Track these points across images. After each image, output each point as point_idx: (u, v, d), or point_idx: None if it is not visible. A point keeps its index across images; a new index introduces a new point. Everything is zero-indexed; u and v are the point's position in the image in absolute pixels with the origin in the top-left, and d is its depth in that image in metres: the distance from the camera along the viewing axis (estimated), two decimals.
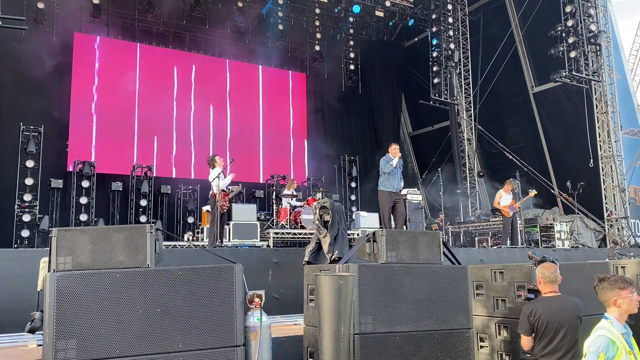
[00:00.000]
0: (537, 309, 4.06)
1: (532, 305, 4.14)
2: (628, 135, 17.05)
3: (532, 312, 4.07)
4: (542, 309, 4.05)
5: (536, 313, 4.04)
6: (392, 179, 9.32)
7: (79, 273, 3.80)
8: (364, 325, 4.45)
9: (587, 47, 15.21)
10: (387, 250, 4.89)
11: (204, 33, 17.18)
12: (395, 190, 9.40)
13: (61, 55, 14.54)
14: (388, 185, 9.32)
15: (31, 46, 13.64)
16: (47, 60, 13.99)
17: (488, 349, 5.58)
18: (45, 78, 13.92)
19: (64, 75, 14.68)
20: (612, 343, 3.17)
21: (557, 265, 4.31)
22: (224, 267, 4.10)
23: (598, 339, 3.21)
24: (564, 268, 5.42)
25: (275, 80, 18.47)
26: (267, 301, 4.52)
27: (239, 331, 4.01)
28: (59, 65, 14.43)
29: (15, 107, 13.52)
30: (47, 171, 13.45)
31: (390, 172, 9.32)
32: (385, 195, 9.25)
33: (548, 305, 4.07)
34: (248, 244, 10.39)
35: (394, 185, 9.34)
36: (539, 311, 4.04)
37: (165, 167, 15.92)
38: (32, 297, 4.74)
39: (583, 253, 12.37)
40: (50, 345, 3.57)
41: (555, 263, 4.33)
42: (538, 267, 4.29)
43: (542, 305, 4.09)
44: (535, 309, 4.08)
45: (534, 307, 4.09)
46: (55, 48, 14.42)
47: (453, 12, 18.45)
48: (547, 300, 4.13)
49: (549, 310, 4.03)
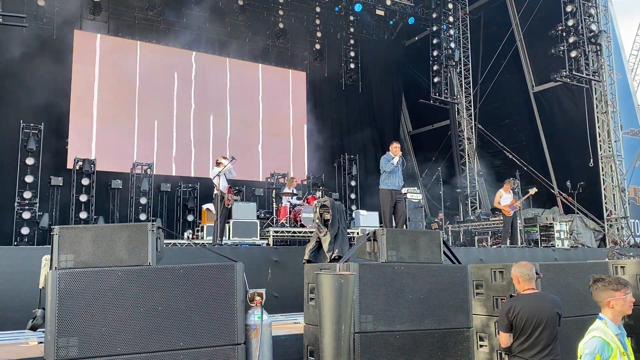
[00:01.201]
0: (516, 306, 4.10)
1: (511, 302, 4.18)
2: (628, 135, 17.06)
3: (510, 309, 4.11)
4: (520, 305, 4.09)
5: (515, 309, 4.08)
6: (392, 177, 9.34)
7: (80, 271, 3.81)
8: (364, 324, 4.46)
9: (588, 46, 15.22)
10: (388, 249, 4.90)
11: (204, 31, 17.18)
12: (397, 188, 9.40)
13: (61, 52, 14.55)
14: (389, 184, 9.33)
15: (31, 43, 13.64)
16: (47, 57, 13.99)
17: (487, 348, 5.59)
18: (46, 75, 13.92)
19: (64, 72, 14.67)
20: (606, 344, 3.17)
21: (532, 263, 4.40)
22: (225, 265, 4.11)
23: (593, 340, 3.20)
24: (564, 268, 5.45)
25: (276, 79, 18.46)
26: (267, 299, 4.53)
27: (239, 329, 4.02)
28: (59, 63, 14.42)
29: (15, 104, 13.51)
30: (47, 169, 13.47)
31: (391, 171, 9.34)
32: (386, 194, 9.27)
33: (526, 302, 4.11)
34: (248, 243, 10.41)
35: (395, 184, 9.36)
36: (518, 307, 4.08)
37: (165, 165, 15.91)
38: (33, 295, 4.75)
39: (583, 253, 12.39)
40: (51, 343, 3.58)
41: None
42: (515, 266, 4.33)
43: (520, 302, 4.13)
44: (514, 305, 4.11)
45: (512, 304, 4.13)
46: (55, 45, 14.43)
47: (454, 11, 18.45)
48: (525, 297, 4.17)
49: (528, 306, 4.07)
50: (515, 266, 4.32)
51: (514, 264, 4.41)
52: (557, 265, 5.82)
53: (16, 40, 13.40)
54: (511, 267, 4.43)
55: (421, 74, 19.48)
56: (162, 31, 16.44)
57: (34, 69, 13.67)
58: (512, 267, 4.38)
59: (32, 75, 13.61)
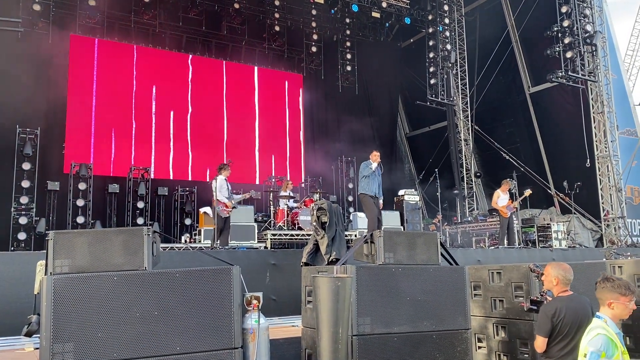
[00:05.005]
0: (561, 309, 3.90)
1: (554, 305, 3.97)
2: (624, 135, 17.11)
3: (556, 312, 3.91)
4: (565, 308, 3.91)
5: (560, 313, 3.89)
6: (371, 183, 9.64)
7: (76, 276, 3.79)
8: (362, 326, 4.45)
9: (583, 47, 15.26)
10: (385, 251, 4.89)
11: (200, 34, 17.18)
12: (375, 194, 9.57)
13: (57, 56, 14.50)
14: (368, 190, 9.61)
15: (27, 48, 13.60)
16: (43, 62, 13.95)
17: (486, 350, 5.59)
18: (42, 80, 13.88)
19: (61, 77, 14.63)
20: (611, 342, 3.16)
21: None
22: (222, 269, 4.10)
23: (598, 337, 3.17)
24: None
25: (272, 82, 18.47)
26: (265, 303, 4.52)
27: (236, 333, 4.00)
28: (56, 67, 14.40)
29: (11, 109, 13.45)
30: (44, 173, 13.42)
31: (370, 176, 9.56)
32: (368, 198, 9.50)
33: (568, 304, 3.95)
34: (246, 246, 10.38)
35: (373, 190, 9.60)
36: (563, 311, 3.89)
37: (163, 168, 15.89)
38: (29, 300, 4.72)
39: (580, 253, 12.41)
40: (47, 349, 3.56)
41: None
42: (553, 266, 4.13)
43: (563, 305, 3.94)
44: (559, 308, 3.92)
45: (557, 307, 3.93)
46: (51, 50, 14.39)
47: (449, 13, 18.49)
48: (566, 299, 4.00)
49: (571, 309, 3.91)
50: (555, 267, 4.13)
51: (551, 264, 4.21)
52: None
53: (11, 45, 13.37)
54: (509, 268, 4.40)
55: (417, 76, 19.50)
56: (158, 34, 16.43)
57: (30, 73, 13.62)
58: (549, 267, 4.16)
59: (28, 80, 13.56)
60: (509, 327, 5.34)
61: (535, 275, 4.71)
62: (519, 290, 5.27)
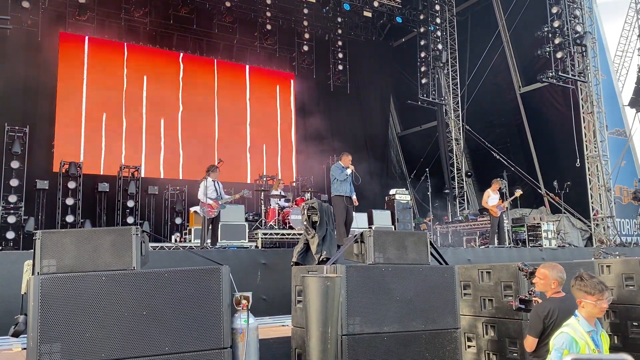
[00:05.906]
0: (554, 310, 3.93)
1: (547, 306, 4.00)
2: (614, 135, 17.25)
3: (548, 313, 3.93)
4: (558, 310, 3.93)
5: (553, 314, 3.92)
6: (344, 185, 9.74)
7: (63, 276, 3.75)
8: (351, 326, 4.44)
9: (573, 47, 15.36)
10: (375, 250, 4.89)
11: (191, 32, 17.11)
12: (348, 194, 9.72)
13: (47, 54, 14.40)
14: (342, 190, 9.72)
15: (16, 45, 13.47)
16: (32, 59, 13.83)
17: (475, 349, 5.61)
18: (31, 77, 13.75)
19: (50, 74, 14.52)
20: (574, 341, 3.22)
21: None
22: (211, 269, 4.08)
23: (561, 336, 3.28)
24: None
25: (264, 80, 18.44)
26: (255, 302, 4.51)
27: (226, 333, 3.98)
28: (45, 65, 14.29)
29: None
30: (33, 172, 13.28)
31: (344, 179, 9.71)
32: (340, 200, 9.67)
33: (561, 306, 3.97)
34: (236, 245, 10.35)
35: (347, 190, 9.75)
36: (556, 312, 3.92)
37: (153, 167, 15.81)
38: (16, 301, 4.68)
39: (569, 252, 12.48)
40: (34, 349, 3.52)
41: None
42: (552, 269, 4.11)
43: (556, 306, 3.97)
44: (552, 310, 3.94)
45: (550, 309, 3.96)
46: (40, 47, 14.27)
47: (441, 13, 18.55)
48: (558, 301, 4.03)
49: (563, 311, 3.92)
50: (551, 269, 4.12)
51: (545, 265, 4.19)
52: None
53: (1, 42, 13.23)
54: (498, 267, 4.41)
55: (409, 75, 19.55)
56: (149, 32, 16.34)
57: (19, 71, 13.51)
58: (545, 269, 4.13)
59: (17, 78, 13.44)
60: (498, 326, 5.37)
61: (523, 275, 4.73)
62: (508, 290, 5.30)
